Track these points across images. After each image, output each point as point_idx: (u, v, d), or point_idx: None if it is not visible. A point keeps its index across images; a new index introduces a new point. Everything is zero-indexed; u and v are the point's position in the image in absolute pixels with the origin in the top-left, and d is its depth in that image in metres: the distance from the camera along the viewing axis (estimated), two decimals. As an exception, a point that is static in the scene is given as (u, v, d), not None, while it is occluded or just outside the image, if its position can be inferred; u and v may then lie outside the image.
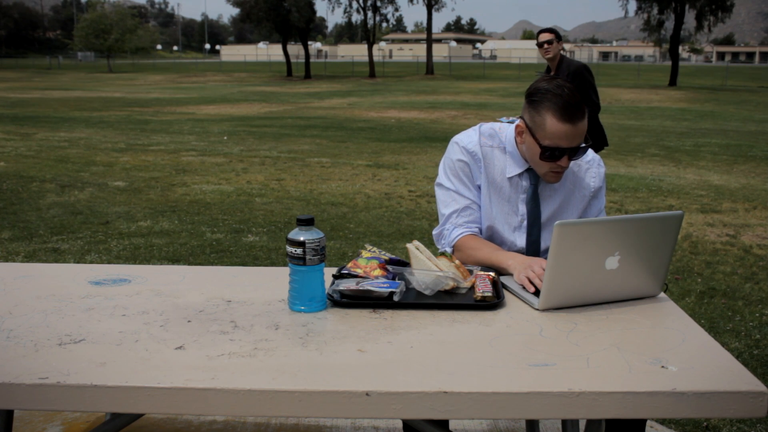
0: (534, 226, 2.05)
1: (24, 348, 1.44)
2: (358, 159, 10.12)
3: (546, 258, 1.70)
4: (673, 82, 34.06)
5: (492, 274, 1.85)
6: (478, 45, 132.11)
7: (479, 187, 2.07)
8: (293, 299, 1.68)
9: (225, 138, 12.60)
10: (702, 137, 13.73)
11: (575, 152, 1.92)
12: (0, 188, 7.47)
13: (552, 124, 1.86)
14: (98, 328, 1.55)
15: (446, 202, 2.10)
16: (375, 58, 48.88)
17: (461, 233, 2.06)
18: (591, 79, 5.20)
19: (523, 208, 2.06)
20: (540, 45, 5.29)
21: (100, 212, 6.35)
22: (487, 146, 2.06)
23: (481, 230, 2.09)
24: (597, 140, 5.28)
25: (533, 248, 2.07)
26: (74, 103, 21.63)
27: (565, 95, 1.84)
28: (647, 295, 1.78)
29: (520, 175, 2.04)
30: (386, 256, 1.91)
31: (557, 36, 5.25)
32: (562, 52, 5.36)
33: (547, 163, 1.94)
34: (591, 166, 2.11)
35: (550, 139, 1.88)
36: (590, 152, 2.10)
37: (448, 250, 2.04)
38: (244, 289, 1.84)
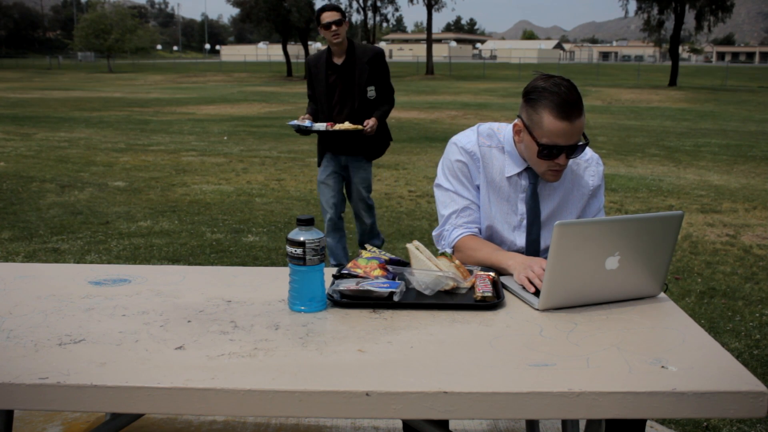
0: (533, 225, 2.05)
1: (24, 348, 1.44)
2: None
3: (546, 257, 1.70)
4: (673, 82, 34.07)
5: (492, 274, 1.85)
6: (478, 45, 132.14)
7: (478, 188, 2.08)
8: (293, 299, 1.68)
9: (225, 138, 12.60)
10: (702, 137, 13.73)
11: (573, 150, 1.92)
12: (0, 188, 7.47)
13: (549, 122, 1.86)
14: (98, 328, 1.55)
15: (445, 203, 2.10)
16: (375, 58, 48.74)
17: (461, 234, 2.06)
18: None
19: (522, 208, 2.06)
20: (327, 26, 4.15)
21: (100, 212, 6.35)
22: (486, 146, 2.06)
23: (480, 230, 2.09)
24: (381, 142, 4.44)
25: (533, 247, 2.07)
26: (74, 103, 21.63)
27: (563, 93, 1.84)
28: (647, 295, 1.78)
29: (519, 174, 2.04)
30: (386, 256, 1.91)
31: (344, 15, 4.23)
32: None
33: (546, 162, 1.94)
34: (590, 165, 2.11)
35: (547, 137, 1.88)
36: (589, 151, 2.10)
37: (448, 250, 2.04)
38: (244, 289, 1.84)
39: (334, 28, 4.14)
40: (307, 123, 4.18)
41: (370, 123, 4.19)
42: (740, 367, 1.37)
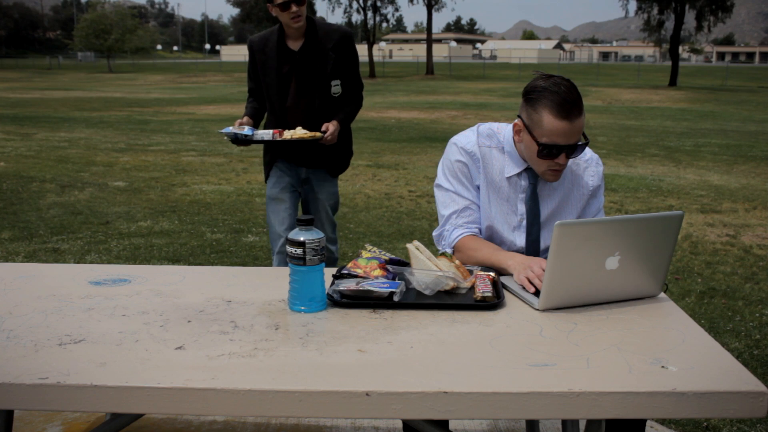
0: (533, 226, 2.06)
1: (24, 348, 1.44)
2: (358, 159, 10.11)
3: (546, 257, 1.70)
4: (673, 83, 34.07)
5: (492, 274, 1.85)
6: (478, 45, 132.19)
7: (478, 188, 2.08)
8: (293, 299, 1.68)
9: (225, 138, 12.60)
10: (702, 137, 13.73)
11: (573, 150, 1.92)
12: (0, 188, 7.47)
13: (549, 122, 1.86)
14: (98, 328, 1.55)
15: (446, 203, 2.10)
16: (375, 58, 48.91)
17: (461, 234, 2.06)
18: None
19: (522, 208, 2.06)
20: (284, 6, 3.06)
21: (100, 212, 6.35)
22: (486, 146, 2.06)
23: (480, 230, 2.09)
24: (344, 152, 3.38)
25: (533, 247, 2.07)
26: (74, 103, 21.63)
27: (562, 92, 1.84)
28: (647, 295, 1.78)
29: (518, 174, 2.04)
30: (386, 256, 1.91)
31: None
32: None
33: (545, 161, 1.94)
34: (589, 165, 2.11)
35: (547, 137, 1.88)
36: (588, 151, 2.10)
37: (449, 251, 2.04)
38: (244, 289, 1.84)
39: (294, 8, 3.06)
40: (246, 130, 3.11)
41: (330, 129, 3.11)
42: (740, 367, 1.37)
